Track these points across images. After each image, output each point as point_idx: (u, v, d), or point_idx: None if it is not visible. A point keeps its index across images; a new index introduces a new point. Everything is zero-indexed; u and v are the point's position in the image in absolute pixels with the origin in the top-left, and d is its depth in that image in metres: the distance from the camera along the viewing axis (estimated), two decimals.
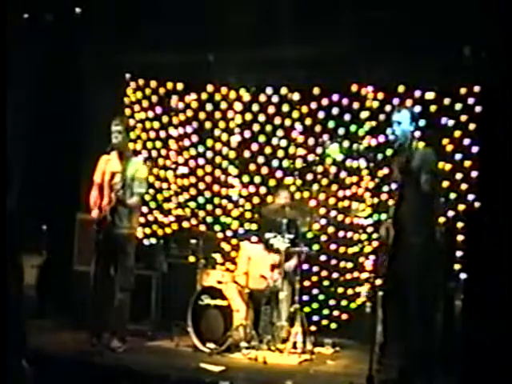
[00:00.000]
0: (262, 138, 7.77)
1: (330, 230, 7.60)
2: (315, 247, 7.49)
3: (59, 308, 7.46)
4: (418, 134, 5.56)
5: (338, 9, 6.91)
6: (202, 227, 7.87)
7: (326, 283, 7.55)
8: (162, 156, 8.13)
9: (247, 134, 7.87)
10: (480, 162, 6.92)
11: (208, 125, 7.93)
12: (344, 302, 7.47)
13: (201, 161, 8.00)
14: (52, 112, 7.92)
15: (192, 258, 7.42)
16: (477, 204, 6.89)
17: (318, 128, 7.62)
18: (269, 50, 7.39)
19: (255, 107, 7.80)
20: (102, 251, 6.16)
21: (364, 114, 7.42)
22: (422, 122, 6.76)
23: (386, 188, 7.14)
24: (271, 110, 7.73)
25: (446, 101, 7.10)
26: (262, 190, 7.77)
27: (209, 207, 7.96)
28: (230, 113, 7.93)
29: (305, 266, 7.26)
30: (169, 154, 8.13)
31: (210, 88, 7.92)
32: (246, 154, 7.84)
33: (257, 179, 7.79)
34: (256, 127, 7.81)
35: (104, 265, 6.20)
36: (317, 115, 7.58)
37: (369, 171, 7.43)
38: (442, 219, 6.77)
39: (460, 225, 6.96)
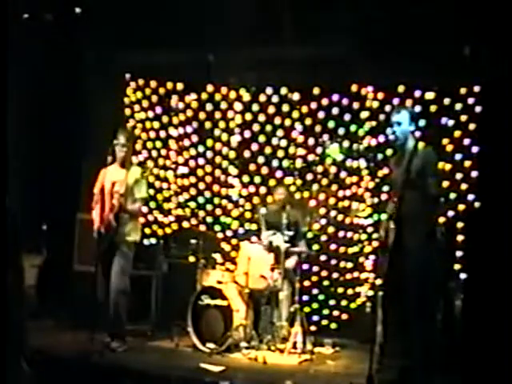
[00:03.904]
0: (262, 138, 7.76)
1: (330, 229, 7.60)
2: (315, 247, 7.50)
3: (59, 308, 7.46)
4: (418, 134, 5.55)
5: (338, 9, 6.91)
6: (202, 227, 7.87)
7: (326, 283, 7.55)
8: (162, 156, 8.13)
9: (247, 134, 7.87)
10: (480, 161, 6.92)
11: (208, 125, 7.93)
12: (344, 302, 7.47)
13: (201, 161, 8.00)
14: (52, 112, 7.93)
15: (192, 258, 7.42)
16: (477, 204, 6.90)
17: (318, 128, 7.62)
18: (269, 49, 7.39)
19: (255, 107, 7.80)
20: (103, 256, 6.19)
21: (364, 114, 7.42)
22: (421, 122, 6.76)
23: (386, 188, 7.15)
24: (271, 110, 7.72)
25: (446, 101, 7.10)
26: (262, 190, 7.76)
27: (209, 207, 7.96)
28: (230, 113, 7.93)
29: (305, 266, 7.26)
30: (169, 154, 8.13)
31: (210, 88, 7.92)
32: (246, 154, 7.83)
33: (257, 179, 7.79)
34: (256, 127, 7.80)
35: (104, 268, 6.23)
36: (317, 115, 7.58)
37: (369, 171, 7.43)
38: (442, 219, 6.77)
39: (460, 225, 6.97)
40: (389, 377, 5.18)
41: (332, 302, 7.50)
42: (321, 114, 7.56)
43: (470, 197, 6.99)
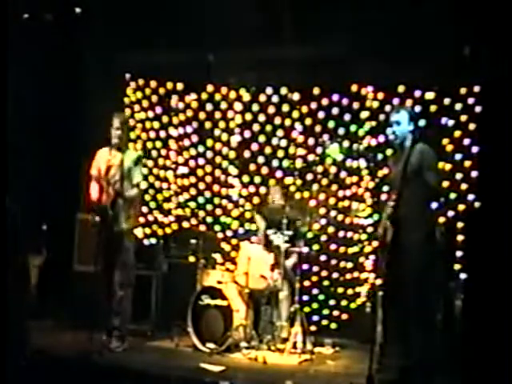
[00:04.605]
0: (262, 138, 7.77)
1: (330, 230, 7.60)
2: (315, 247, 7.50)
3: (59, 308, 7.46)
4: (417, 133, 5.55)
5: (338, 9, 6.92)
6: (202, 227, 7.87)
7: (326, 283, 7.56)
8: (162, 156, 8.13)
9: (247, 134, 7.87)
10: (480, 161, 6.92)
11: (208, 125, 7.93)
12: (344, 302, 7.47)
13: (201, 161, 8.01)
14: (52, 112, 7.92)
15: (192, 258, 7.42)
16: (477, 204, 6.90)
17: (318, 128, 7.62)
18: (269, 50, 7.39)
19: (255, 107, 7.80)
20: (104, 247, 6.16)
21: (364, 114, 7.42)
22: (421, 122, 6.77)
23: (386, 188, 7.14)
24: (271, 110, 7.73)
25: (446, 101, 7.10)
26: (262, 190, 7.77)
27: (209, 207, 7.96)
28: (230, 113, 7.94)
29: (305, 266, 7.27)
30: (169, 154, 8.13)
31: (210, 88, 7.92)
32: (246, 154, 7.84)
33: (257, 179, 7.79)
34: (256, 127, 7.81)
35: (105, 261, 6.20)
36: (317, 115, 7.58)
37: (369, 171, 7.44)
38: (442, 219, 6.77)
39: (460, 225, 6.97)
40: (389, 377, 5.18)
41: (332, 302, 7.51)
42: (321, 114, 7.57)
43: (470, 197, 6.99)
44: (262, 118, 7.77)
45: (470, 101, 7.02)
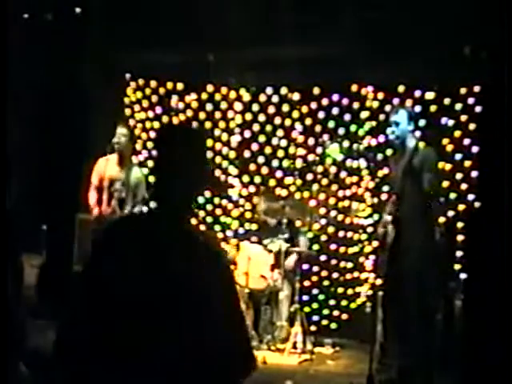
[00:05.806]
0: (262, 138, 7.77)
1: (330, 229, 7.60)
2: (315, 247, 7.50)
3: (59, 308, 7.44)
4: (418, 133, 5.55)
5: (338, 9, 6.92)
6: (202, 227, 7.87)
7: (326, 283, 7.56)
8: None
9: (247, 134, 7.87)
10: (480, 161, 6.92)
11: (208, 125, 7.93)
12: (344, 302, 7.47)
13: None
14: (52, 112, 7.92)
15: None
16: (477, 204, 6.89)
17: (318, 128, 7.62)
18: (269, 50, 7.39)
19: (255, 107, 7.80)
20: None
21: (364, 114, 7.42)
22: (421, 122, 6.76)
23: (386, 188, 7.15)
24: (271, 110, 7.72)
25: (446, 101, 7.10)
26: (262, 189, 7.77)
27: (209, 207, 7.95)
28: (230, 113, 7.93)
29: (305, 266, 7.27)
30: None
31: (210, 88, 7.92)
32: (246, 154, 7.84)
33: (257, 179, 7.79)
34: (256, 127, 7.81)
35: None
36: (317, 115, 7.58)
37: (369, 171, 7.44)
38: (442, 219, 6.77)
39: (460, 225, 6.97)
40: (389, 377, 5.18)
41: (332, 302, 7.50)
42: (321, 114, 7.56)
43: (470, 197, 6.99)
44: (262, 117, 7.77)
45: (470, 101, 7.02)
